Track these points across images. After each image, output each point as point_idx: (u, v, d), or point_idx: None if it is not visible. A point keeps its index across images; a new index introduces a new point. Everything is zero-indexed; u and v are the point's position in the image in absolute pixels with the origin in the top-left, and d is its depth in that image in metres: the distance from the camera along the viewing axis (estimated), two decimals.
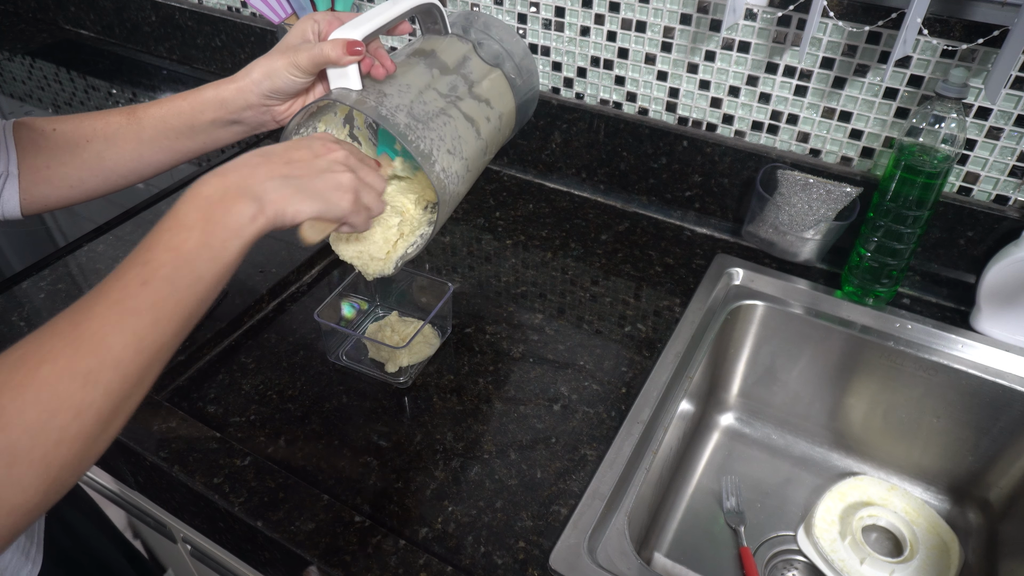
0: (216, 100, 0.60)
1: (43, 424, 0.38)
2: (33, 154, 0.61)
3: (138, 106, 0.63)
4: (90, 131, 0.62)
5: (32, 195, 0.62)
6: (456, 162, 0.61)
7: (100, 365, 0.41)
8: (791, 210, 0.86)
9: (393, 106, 0.57)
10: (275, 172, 0.50)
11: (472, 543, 0.62)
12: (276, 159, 0.51)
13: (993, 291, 0.78)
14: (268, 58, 0.59)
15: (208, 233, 0.46)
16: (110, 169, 0.63)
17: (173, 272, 0.44)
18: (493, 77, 0.67)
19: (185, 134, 0.62)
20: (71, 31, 1.56)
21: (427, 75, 0.62)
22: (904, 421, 0.85)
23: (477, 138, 0.64)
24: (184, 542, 0.87)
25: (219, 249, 0.46)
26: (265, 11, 0.96)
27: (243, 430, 0.72)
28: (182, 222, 0.46)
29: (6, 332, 0.82)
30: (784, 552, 0.82)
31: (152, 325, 0.43)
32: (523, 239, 0.96)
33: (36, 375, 0.39)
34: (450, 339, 0.82)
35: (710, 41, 0.87)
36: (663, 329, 0.83)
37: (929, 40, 0.75)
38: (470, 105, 0.64)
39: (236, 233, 0.47)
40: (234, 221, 0.47)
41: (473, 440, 0.71)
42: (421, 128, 0.58)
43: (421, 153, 0.57)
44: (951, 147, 0.73)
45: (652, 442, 0.71)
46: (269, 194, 0.49)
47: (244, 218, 0.47)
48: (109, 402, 0.41)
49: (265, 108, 0.61)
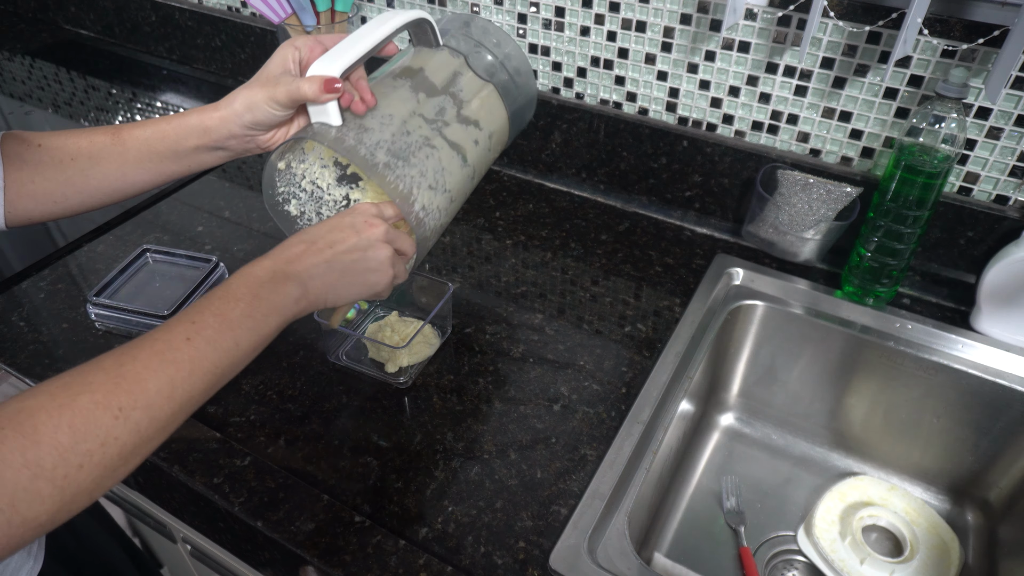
0: (200, 128, 0.61)
1: (71, 447, 0.41)
2: (18, 168, 0.62)
3: (123, 126, 0.63)
4: (75, 149, 0.62)
5: (16, 208, 0.63)
6: (438, 196, 0.60)
7: (133, 403, 0.44)
8: (791, 210, 0.86)
9: (373, 143, 0.57)
10: (320, 257, 0.54)
11: (472, 543, 0.62)
12: (320, 243, 0.55)
13: (993, 291, 0.78)
14: (249, 88, 0.59)
15: (253, 307, 0.51)
16: (94, 187, 0.63)
17: (215, 334, 0.49)
18: (484, 95, 0.65)
19: (169, 157, 0.63)
20: (71, 31, 1.56)
21: (412, 101, 0.61)
22: (904, 421, 0.85)
23: (463, 166, 0.63)
24: (184, 542, 0.87)
25: (260, 321, 0.51)
26: (265, 11, 0.96)
27: (243, 430, 0.72)
28: (232, 294, 0.51)
29: (6, 332, 0.82)
30: (784, 552, 0.82)
31: (187, 377, 0.47)
32: (523, 239, 0.96)
33: (75, 402, 0.42)
34: (450, 339, 0.82)
35: (710, 41, 0.87)
36: (663, 329, 0.83)
37: (929, 40, 0.75)
38: (456, 131, 0.62)
39: (278, 311, 0.52)
40: (279, 300, 0.52)
41: (473, 440, 0.71)
42: (401, 166, 0.57)
43: (400, 194, 0.57)
44: (951, 147, 0.73)
45: (652, 442, 0.71)
46: (314, 280, 0.54)
47: (289, 299, 0.52)
48: (133, 439, 0.44)
49: (248, 137, 0.62)
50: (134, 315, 0.80)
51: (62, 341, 0.81)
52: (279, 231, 0.96)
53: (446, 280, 0.81)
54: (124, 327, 0.82)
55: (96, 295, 0.82)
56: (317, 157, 0.65)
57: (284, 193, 0.64)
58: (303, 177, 0.65)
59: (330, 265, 0.55)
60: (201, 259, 0.88)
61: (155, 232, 0.97)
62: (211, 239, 0.96)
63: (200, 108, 0.61)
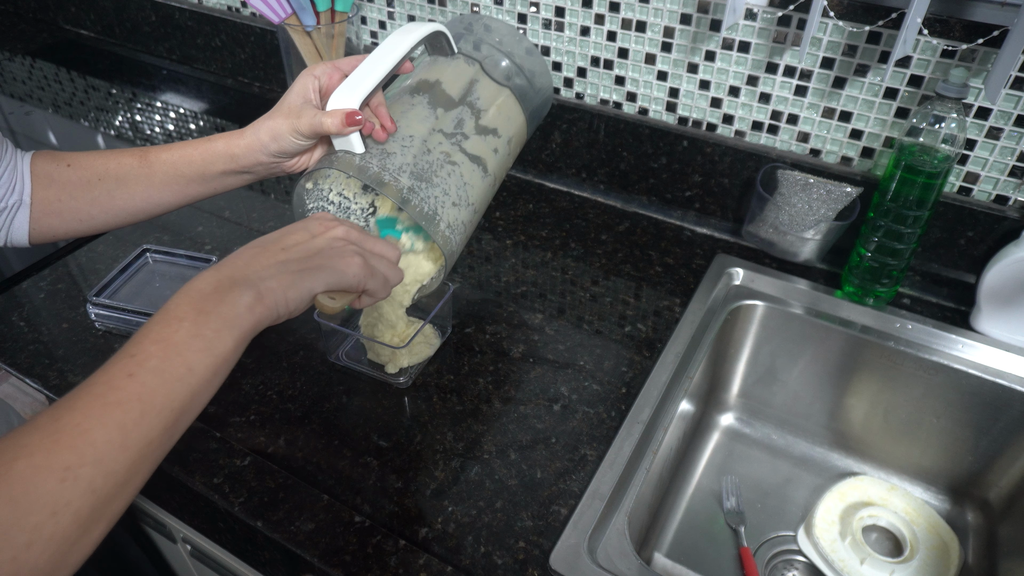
0: (227, 154, 0.62)
1: (14, 523, 0.35)
2: (46, 186, 0.63)
3: (151, 149, 0.64)
4: (102, 170, 0.63)
5: (41, 225, 0.64)
6: (463, 212, 0.62)
7: (80, 460, 0.37)
8: (791, 210, 0.86)
9: (396, 168, 0.58)
10: (273, 259, 0.49)
11: (472, 543, 0.62)
12: (273, 246, 0.50)
13: (993, 291, 0.78)
14: (272, 119, 0.60)
15: (200, 324, 0.44)
16: (120, 208, 0.64)
17: (161, 363, 0.42)
18: (501, 101, 0.66)
19: (196, 181, 0.64)
20: (71, 31, 1.56)
21: (431, 118, 0.62)
22: (904, 421, 0.85)
23: (484, 176, 0.64)
24: (184, 542, 0.87)
25: (212, 339, 0.44)
26: (265, 11, 0.96)
27: (243, 430, 0.72)
28: (172, 314, 0.44)
29: (6, 332, 0.82)
30: (784, 552, 0.82)
31: (139, 419, 0.40)
32: (523, 239, 0.96)
33: (11, 470, 0.36)
34: (450, 339, 0.82)
35: (710, 41, 0.87)
36: (663, 329, 0.83)
37: (929, 40, 0.75)
38: (476, 143, 0.63)
39: (230, 323, 0.45)
40: (228, 311, 0.45)
41: (473, 440, 0.71)
42: (425, 188, 0.58)
43: (425, 216, 0.58)
44: (951, 147, 0.73)
45: (652, 442, 0.71)
46: (266, 281, 0.47)
47: (240, 307, 0.45)
48: (90, 502, 0.37)
49: (275, 164, 0.63)
50: (134, 315, 0.80)
51: (62, 341, 0.81)
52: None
53: (446, 280, 0.81)
54: (124, 327, 0.82)
55: (96, 295, 0.82)
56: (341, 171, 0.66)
57: (314, 208, 0.66)
58: (330, 191, 0.67)
59: (284, 265, 0.49)
60: (201, 259, 0.88)
61: (155, 232, 0.97)
62: (211, 239, 0.96)
63: (227, 134, 0.62)
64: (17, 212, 0.63)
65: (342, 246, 0.52)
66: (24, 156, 0.64)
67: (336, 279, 0.51)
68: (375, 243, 0.56)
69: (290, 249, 0.51)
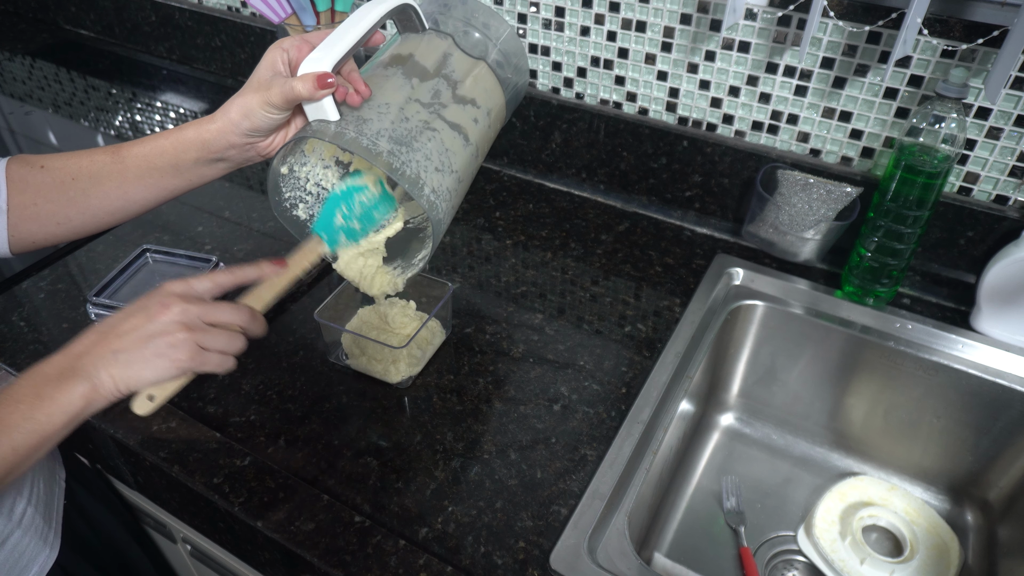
0: (198, 141, 0.61)
1: None
2: (21, 191, 0.62)
3: (123, 144, 0.63)
4: (76, 169, 0.62)
5: (20, 232, 0.63)
6: (446, 178, 0.60)
7: None
8: (791, 210, 0.86)
9: (373, 133, 0.56)
10: (108, 347, 0.53)
11: (472, 543, 0.62)
12: (111, 333, 0.54)
13: (993, 291, 0.78)
14: (243, 96, 0.59)
15: (34, 407, 0.49)
16: (96, 207, 0.63)
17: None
18: (477, 72, 0.65)
19: (169, 173, 0.62)
20: (71, 31, 1.56)
21: (406, 87, 0.60)
22: (904, 421, 0.85)
23: (466, 145, 0.62)
24: (184, 542, 0.87)
25: (42, 422, 0.50)
26: (265, 11, 0.96)
27: (243, 430, 0.72)
28: (14, 395, 0.50)
29: (6, 332, 0.82)
30: (784, 552, 0.82)
31: None
32: (523, 239, 0.96)
33: None
34: (450, 339, 0.82)
35: (710, 41, 0.87)
36: (663, 329, 0.83)
37: (929, 40, 0.75)
38: (455, 111, 0.62)
39: (63, 408, 0.50)
40: (64, 399, 0.51)
41: (473, 440, 0.71)
42: (405, 152, 0.57)
43: (408, 179, 0.56)
44: (951, 147, 0.73)
45: (652, 442, 0.71)
46: (100, 373, 0.52)
47: (74, 396, 0.51)
48: None
49: (248, 145, 0.61)
50: None
51: (62, 341, 0.80)
52: (279, 231, 0.96)
53: (446, 280, 0.81)
54: None
55: (96, 295, 0.82)
56: (319, 158, 0.65)
57: (291, 198, 0.64)
58: (307, 180, 0.65)
59: (116, 355, 0.53)
60: (201, 259, 0.88)
61: (155, 232, 0.97)
62: (211, 239, 0.96)
63: (197, 121, 0.61)
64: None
65: (173, 332, 0.54)
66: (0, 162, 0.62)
67: (162, 372, 0.54)
68: (218, 313, 0.57)
69: (124, 336, 0.54)
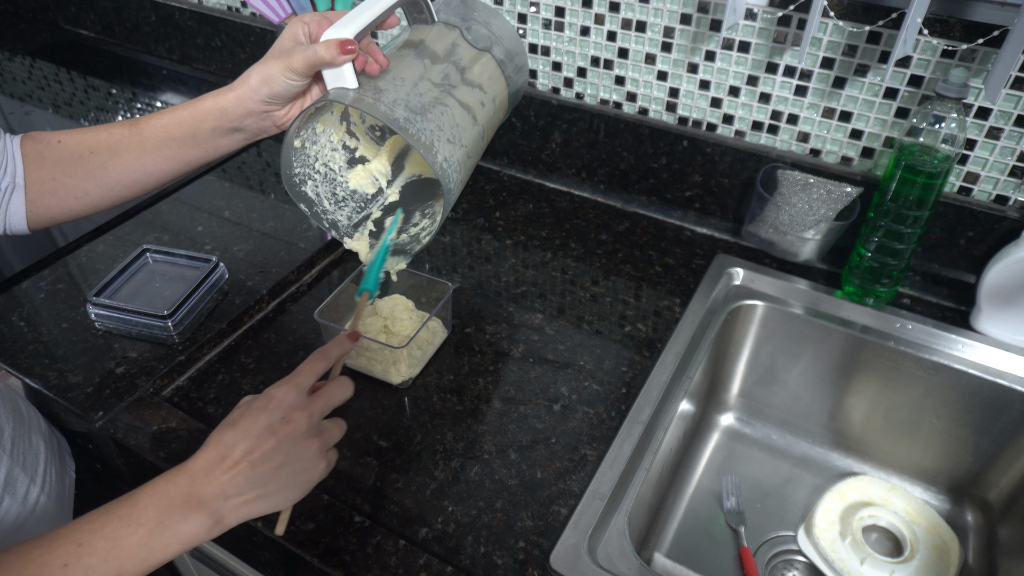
0: (216, 109, 0.61)
1: None
2: (38, 166, 0.62)
3: (141, 118, 0.63)
4: (93, 142, 0.63)
5: (38, 207, 0.63)
6: (457, 150, 0.61)
7: None
8: (791, 210, 0.86)
9: (391, 101, 0.58)
10: (236, 475, 0.49)
11: (472, 543, 0.62)
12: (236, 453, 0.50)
13: (993, 291, 0.78)
14: (263, 64, 0.59)
15: (154, 535, 0.46)
16: (114, 179, 0.63)
17: (100, 562, 0.44)
18: (483, 61, 0.67)
19: (187, 143, 0.63)
20: (71, 31, 1.56)
21: (419, 66, 0.62)
22: (904, 421, 0.85)
23: (474, 124, 0.64)
24: None
25: (158, 551, 0.47)
26: (265, 11, 0.96)
27: None
28: (136, 517, 0.46)
29: (6, 332, 0.82)
30: (784, 552, 0.82)
31: None
32: (523, 239, 0.96)
33: None
34: (450, 339, 0.81)
35: (710, 41, 0.87)
36: (663, 329, 0.83)
37: (929, 40, 0.75)
38: (464, 92, 0.64)
39: (182, 541, 0.48)
40: (187, 531, 0.48)
41: (473, 440, 0.71)
42: (420, 120, 0.58)
43: (423, 145, 0.58)
44: (951, 147, 0.73)
45: (652, 442, 0.71)
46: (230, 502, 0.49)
47: (200, 530, 0.48)
48: None
49: (265, 114, 0.61)
50: (134, 315, 0.80)
51: (62, 341, 0.81)
52: (279, 231, 0.96)
53: (446, 280, 0.81)
54: (124, 327, 0.82)
55: (96, 295, 0.82)
56: (328, 140, 0.66)
57: (300, 174, 0.65)
58: (316, 159, 0.66)
59: (250, 481, 0.49)
60: (201, 259, 0.88)
61: (155, 232, 0.97)
62: (211, 239, 0.96)
63: (215, 91, 0.61)
64: (12, 195, 0.62)
65: (304, 453, 0.52)
66: (13, 139, 0.63)
67: (295, 499, 0.53)
68: (332, 402, 0.55)
69: (253, 456, 0.50)
